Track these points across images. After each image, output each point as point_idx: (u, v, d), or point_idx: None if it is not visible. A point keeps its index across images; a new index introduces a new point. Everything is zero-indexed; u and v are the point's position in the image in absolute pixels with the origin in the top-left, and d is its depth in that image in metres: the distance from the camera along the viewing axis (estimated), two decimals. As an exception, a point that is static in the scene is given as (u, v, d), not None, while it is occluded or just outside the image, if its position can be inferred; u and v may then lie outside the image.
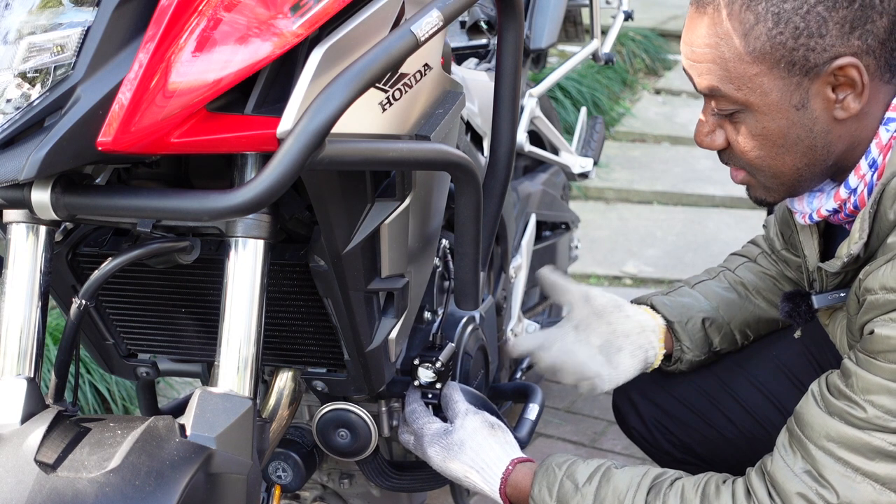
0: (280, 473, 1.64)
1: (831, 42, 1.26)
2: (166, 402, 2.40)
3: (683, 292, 1.77)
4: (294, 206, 1.32)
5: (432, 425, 1.60)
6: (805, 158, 1.35)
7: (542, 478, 1.48)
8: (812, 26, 1.26)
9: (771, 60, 1.28)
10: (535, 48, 2.29)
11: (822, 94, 1.29)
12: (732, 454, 1.73)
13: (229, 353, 1.19)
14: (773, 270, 1.78)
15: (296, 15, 1.10)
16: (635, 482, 1.43)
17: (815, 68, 1.27)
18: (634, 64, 5.62)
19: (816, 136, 1.32)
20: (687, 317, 1.72)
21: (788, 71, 1.28)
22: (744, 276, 1.78)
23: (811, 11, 1.25)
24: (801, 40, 1.26)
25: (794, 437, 1.35)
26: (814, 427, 1.32)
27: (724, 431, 1.74)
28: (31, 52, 1.07)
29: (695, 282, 1.80)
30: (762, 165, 1.38)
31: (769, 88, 1.30)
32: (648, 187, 4.41)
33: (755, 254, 1.82)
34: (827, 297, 1.43)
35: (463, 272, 1.50)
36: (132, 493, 1.04)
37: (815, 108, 1.31)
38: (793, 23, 1.26)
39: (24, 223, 1.20)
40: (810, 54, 1.27)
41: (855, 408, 1.28)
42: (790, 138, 1.33)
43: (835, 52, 1.26)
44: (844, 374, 1.31)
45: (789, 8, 1.26)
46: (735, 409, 1.74)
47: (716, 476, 1.42)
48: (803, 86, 1.29)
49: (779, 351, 1.75)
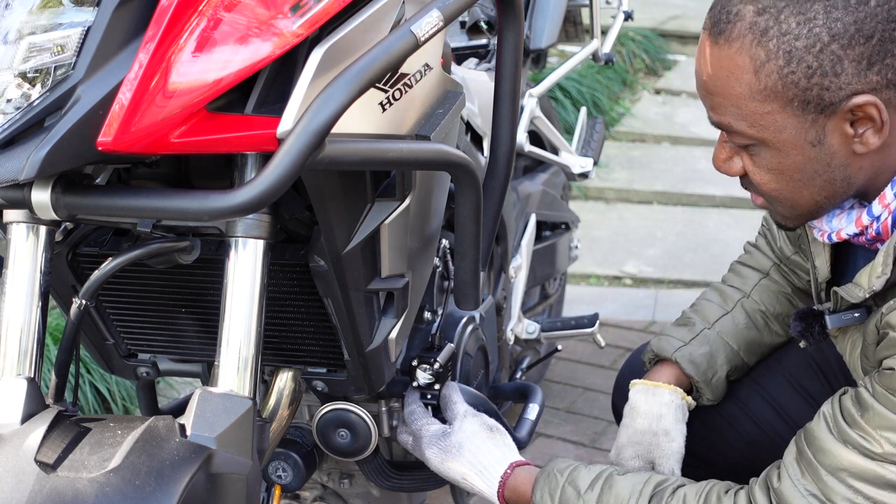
0: (280, 473, 1.64)
1: (847, 80, 1.20)
2: (166, 402, 2.40)
3: (706, 339, 1.70)
4: (294, 206, 1.32)
5: (431, 427, 1.60)
6: (824, 192, 1.30)
7: (543, 483, 1.48)
8: (826, 65, 1.19)
9: (783, 99, 1.23)
10: (535, 48, 2.29)
11: (840, 129, 1.24)
12: (730, 455, 1.73)
13: (229, 353, 1.19)
14: (788, 287, 1.73)
15: (296, 15, 1.10)
16: (637, 489, 1.42)
17: (830, 106, 1.22)
18: (634, 64, 5.62)
19: (835, 170, 1.27)
20: (712, 372, 1.69)
21: (802, 109, 1.23)
22: (761, 300, 1.73)
23: (825, 50, 1.19)
24: (815, 80, 1.20)
25: (805, 459, 1.33)
26: (826, 453, 1.30)
27: (723, 434, 1.74)
28: (32, 52, 1.07)
29: (713, 317, 1.73)
30: (780, 198, 1.33)
31: (783, 126, 1.25)
32: (648, 187, 4.41)
33: (767, 267, 1.76)
34: (841, 318, 1.38)
35: (463, 272, 1.50)
36: (132, 493, 1.04)
37: (833, 144, 1.25)
38: (805, 62, 1.20)
39: (25, 223, 1.20)
40: (825, 93, 1.21)
41: (871, 442, 1.26)
42: (807, 173, 1.28)
43: (851, 90, 1.20)
44: (861, 405, 1.28)
45: (801, 46, 1.20)
46: (736, 414, 1.73)
47: (718, 484, 1.41)
48: (819, 122, 1.23)
49: (784, 359, 1.74)
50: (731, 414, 1.73)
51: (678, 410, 1.65)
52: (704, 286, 1.91)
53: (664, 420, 1.64)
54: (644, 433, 1.64)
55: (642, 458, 1.63)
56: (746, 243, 1.84)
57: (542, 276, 2.58)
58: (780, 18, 1.21)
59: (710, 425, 1.74)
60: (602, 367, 3.03)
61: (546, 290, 2.76)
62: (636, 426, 1.65)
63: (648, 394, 1.66)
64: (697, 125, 4.97)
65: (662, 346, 1.71)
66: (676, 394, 1.66)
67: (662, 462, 1.62)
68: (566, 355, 3.07)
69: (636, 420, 1.65)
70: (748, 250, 1.81)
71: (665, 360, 1.70)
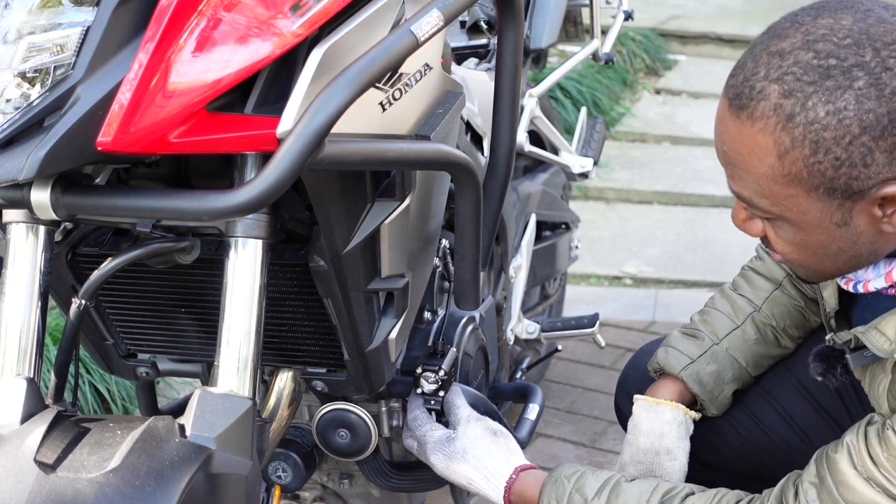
0: (280, 473, 1.64)
1: (877, 170, 1.14)
2: (166, 402, 2.39)
3: (714, 356, 1.67)
4: (294, 206, 1.32)
5: (435, 433, 1.59)
6: (849, 264, 1.27)
7: (550, 489, 1.48)
8: (855, 157, 1.13)
9: (808, 186, 1.17)
10: (535, 48, 2.29)
11: (868, 211, 1.18)
12: (736, 461, 1.72)
13: (229, 354, 1.19)
14: (801, 299, 1.70)
15: (296, 15, 1.10)
16: (645, 498, 1.42)
17: (858, 193, 1.16)
18: (634, 64, 5.62)
19: (861, 247, 1.23)
20: (718, 391, 1.67)
21: (829, 195, 1.17)
22: (772, 313, 1.69)
23: (854, 142, 1.13)
24: (843, 170, 1.14)
25: (825, 487, 1.31)
26: (849, 489, 1.28)
27: (729, 440, 1.73)
28: (31, 52, 1.06)
29: (723, 331, 1.69)
30: (802, 266, 1.30)
31: (807, 208, 1.19)
32: (648, 187, 4.41)
33: (780, 277, 1.71)
34: (863, 356, 1.33)
35: (463, 272, 1.50)
36: (132, 494, 1.04)
37: (860, 225, 1.20)
38: (833, 153, 1.14)
39: (24, 223, 1.20)
40: (853, 182, 1.15)
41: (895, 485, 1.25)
42: (831, 249, 1.24)
43: (881, 179, 1.14)
44: (888, 447, 1.26)
45: (829, 137, 1.13)
46: (743, 420, 1.72)
47: (728, 494, 1.40)
48: (846, 206, 1.18)
49: (792, 366, 1.73)
50: (737, 420, 1.72)
51: (681, 427, 1.64)
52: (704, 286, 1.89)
53: (666, 438, 1.62)
54: (646, 452, 1.63)
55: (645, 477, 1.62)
56: (758, 246, 1.77)
57: (542, 276, 2.58)
58: (807, 105, 1.14)
59: (716, 431, 1.73)
60: (602, 368, 3.03)
61: (546, 290, 2.76)
62: (639, 444, 1.63)
63: (651, 411, 1.65)
64: (697, 125, 4.97)
65: (669, 363, 1.68)
66: (679, 411, 1.64)
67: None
68: (566, 355, 3.07)
69: (639, 438, 1.64)
70: (760, 255, 1.76)
71: (670, 375, 1.68)
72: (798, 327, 1.70)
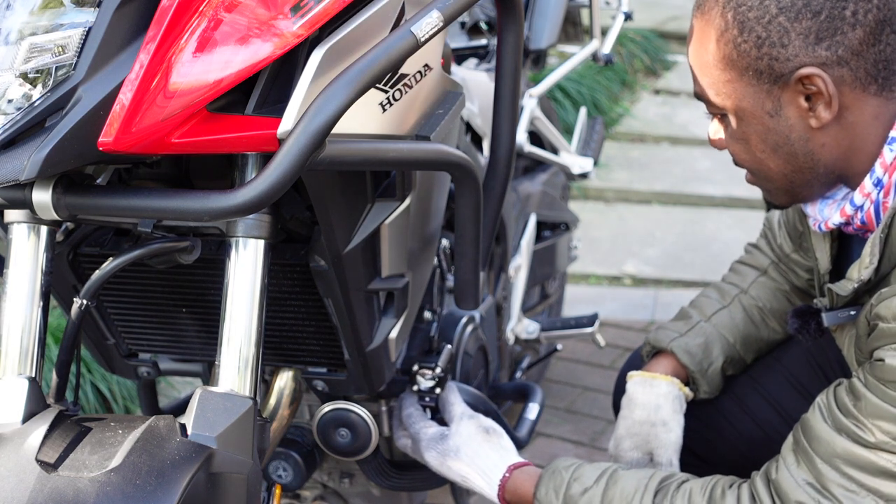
0: (280, 473, 1.65)
1: (794, 52, 1.26)
2: (167, 401, 2.40)
3: (702, 330, 1.73)
4: (294, 206, 1.33)
5: (429, 430, 1.60)
6: (789, 165, 1.35)
7: (548, 480, 1.48)
8: (773, 36, 1.26)
9: (739, 68, 1.30)
10: (535, 48, 2.29)
11: (795, 102, 1.29)
12: (730, 455, 1.73)
13: (230, 353, 1.19)
14: (786, 284, 1.76)
15: (296, 15, 1.10)
16: (643, 484, 1.43)
17: (781, 77, 1.28)
18: (634, 64, 5.62)
19: (795, 144, 1.32)
20: (708, 363, 1.70)
21: (757, 79, 1.29)
22: (758, 296, 1.75)
23: (773, 21, 1.26)
24: (764, 49, 1.27)
25: (801, 448, 1.35)
26: (821, 441, 1.32)
27: (724, 433, 1.74)
28: (33, 53, 1.07)
29: (710, 310, 1.76)
30: (751, 168, 1.40)
31: (742, 95, 1.31)
32: (648, 187, 4.41)
33: (765, 265, 1.78)
34: (837, 316, 1.41)
35: (463, 272, 1.50)
36: (133, 493, 1.04)
37: (790, 116, 1.31)
38: (755, 32, 1.27)
39: (26, 223, 1.20)
40: (774, 63, 1.27)
41: (864, 430, 1.28)
42: (769, 144, 1.34)
43: (798, 62, 1.26)
44: (854, 394, 1.30)
45: (752, 17, 1.27)
46: (737, 413, 1.74)
47: (722, 479, 1.42)
48: (774, 93, 1.30)
49: (784, 357, 1.75)
50: (731, 413, 1.74)
51: (676, 401, 1.66)
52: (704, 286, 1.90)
53: (662, 410, 1.65)
54: (642, 424, 1.65)
55: (640, 450, 1.64)
56: (747, 244, 1.85)
57: (542, 276, 2.59)
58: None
59: (711, 425, 1.74)
60: (602, 367, 3.03)
61: (546, 290, 2.77)
62: (634, 417, 1.66)
63: (646, 385, 1.68)
64: (697, 125, 4.97)
65: (659, 338, 1.73)
66: (674, 384, 1.67)
67: (661, 452, 1.63)
68: (566, 355, 3.08)
69: (634, 411, 1.66)
70: (749, 251, 1.83)
71: (662, 352, 1.72)
72: (784, 311, 1.74)
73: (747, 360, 1.75)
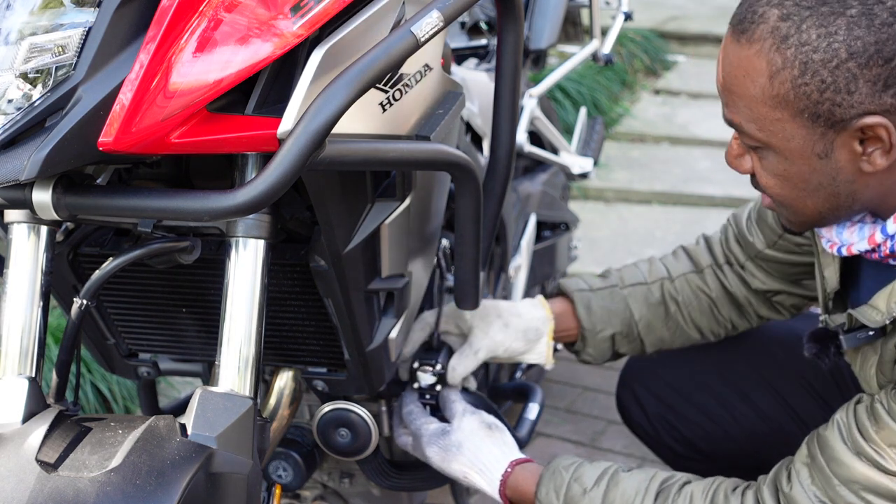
0: (281, 473, 1.65)
1: (860, 100, 1.18)
2: (167, 401, 2.40)
3: (612, 294, 1.71)
4: (294, 206, 1.33)
5: (430, 426, 1.60)
6: (827, 203, 1.30)
7: (548, 480, 1.48)
8: (840, 82, 1.18)
9: (794, 109, 1.22)
10: (535, 48, 2.29)
11: (849, 146, 1.23)
12: (734, 451, 1.73)
13: (230, 353, 1.19)
14: (716, 292, 1.73)
15: (296, 15, 1.10)
16: (643, 486, 1.43)
17: (840, 123, 1.20)
18: (634, 64, 5.62)
19: (839, 185, 1.27)
20: (601, 327, 1.70)
21: (812, 121, 1.22)
22: (681, 290, 1.73)
23: (841, 67, 1.17)
24: (827, 94, 1.19)
25: (816, 465, 1.34)
26: (840, 464, 1.31)
27: (728, 429, 1.74)
28: (33, 53, 1.07)
29: (630, 280, 1.74)
30: (784, 203, 1.33)
31: (791, 134, 1.24)
32: (648, 187, 4.41)
33: (704, 265, 1.75)
34: (856, 337, 1.37)
35: (463, 272, 1.50)
36: (133, 493, 1.04)
37: (840, 159, 1.24)
38: (820, 76, 1.18)
39: (26, 223, 1.20)
40: (836, 109, 1.20)
41: (885, 459, 1.27)
42: (812, 184, 1.27)
43: (863, 110, 1.19)
44: (876, 420, 1.29)
45: (818, 59, 1.18)
46: (740, 407, 1.73)
47: (725, 482, 1.41)
48: (828, 137, 1.22)
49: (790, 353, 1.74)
50: (734, 407, 1.74)
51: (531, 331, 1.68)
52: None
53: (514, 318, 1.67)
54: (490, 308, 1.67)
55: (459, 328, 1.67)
56: (702, 235, 1.82)
57: (542, 276, 2.59)
58: (801, 28, 1.19)
59: (713, 418, 1.74)
60: (602, 367, 3.02)
61: (546, 291, 2.77)
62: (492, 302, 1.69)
63: (529, 304, 1.71)
64: (697, 125, 4.97)
65: (568, 284, 1.73)
66: (548, 321, 1.69)
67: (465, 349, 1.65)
68: (566, 355, 3.07)
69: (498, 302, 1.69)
70: (698, 241, 1.81)
71: (564, 296, 1.72)
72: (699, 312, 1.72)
73: (646, 346, 1.74)
